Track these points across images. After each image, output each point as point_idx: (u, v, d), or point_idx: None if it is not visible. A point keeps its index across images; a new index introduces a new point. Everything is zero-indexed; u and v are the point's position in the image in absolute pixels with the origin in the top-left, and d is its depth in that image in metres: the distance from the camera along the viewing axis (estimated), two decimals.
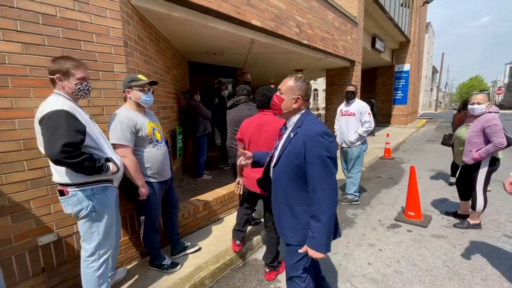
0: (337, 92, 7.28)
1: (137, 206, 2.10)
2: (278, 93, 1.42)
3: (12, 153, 1.64)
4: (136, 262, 2.36)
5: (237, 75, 6.34)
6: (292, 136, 1.36)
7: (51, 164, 1.53)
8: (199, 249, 2.54)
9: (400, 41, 13.23)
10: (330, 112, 7.31)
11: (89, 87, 1.63)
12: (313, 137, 1.26)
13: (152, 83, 2.02)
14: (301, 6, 4.31)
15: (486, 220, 3.14)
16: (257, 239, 2.83)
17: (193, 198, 3.12)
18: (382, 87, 14.59)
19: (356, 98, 3.72)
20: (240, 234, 2.49)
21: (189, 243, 2.52)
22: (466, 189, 3.10)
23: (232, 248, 2.50)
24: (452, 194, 4.11)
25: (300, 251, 1.34)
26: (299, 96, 1.36)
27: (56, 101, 1.45)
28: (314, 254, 1.28)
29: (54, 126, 1.37)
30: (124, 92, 1.95)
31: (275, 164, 1.44)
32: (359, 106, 3.58)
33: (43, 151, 1.50)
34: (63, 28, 1.78)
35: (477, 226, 2.98)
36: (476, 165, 2.83)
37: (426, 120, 17.66)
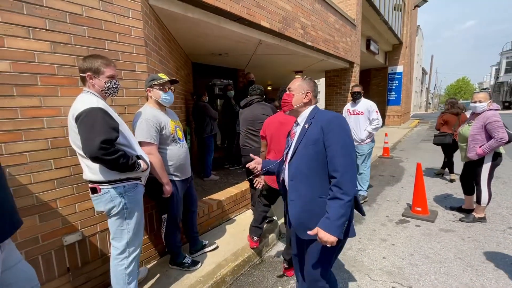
0: (336, 93, 7.41)
1: (160, 204, 2.10)
2: (287, 91, 1.51)
3: (40, 151, 1.63)
4: (156, 262, 2.36)
5: (239, 76, 6.39)
6: (307, 127, 1.38)
7: (83, 162, 1.54)
8: (217, 247, 2.56)
9: (393, 43, 13.55)
10: None
11: (118, 85, 1.64)
12: (330, 121, 1.30)
13: (172, 82, 2.04)
14: (306, 8, 4.40)
15: (490, 214, 3.26)
16: (271, 236, 2.86)
17: (206, 197, 3.13)
18: (375, 88, 14.88)
19: (362, 97, 3.81)
20: (257, 230, 2.52)
21: (207, 241, 2.53)
22: (470, 184, 3.23)
23: (250, 245, 2.52)
24: (454, 190, 4.24)
25: (309, 232, 1.27)
26: (309, 91, 1.44)
27: (90, 99, 1.47)
28: (325, 236, 1.20)
29: (91, 123, 1.38)
30: (146, 91, 1.97)
31: (291, 159, 1.42)
32: (367, 104, 3.68)
33: (76, 149, 1.51)
34: (89, 27, 1.79)
35: (482, 219, 3.09)
36: (480, 160, 2.94)
37: (419, 120, 18.07)
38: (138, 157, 1.62)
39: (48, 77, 1.64)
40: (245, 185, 3.56)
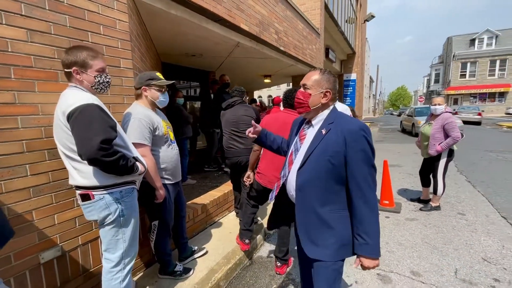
0: None
1: (150, 210, 1.96)
2: (301, 89, 1.29)
3: (13, 155, 1.40)
4: (142, 273, 2.18)
5: (210, 78, 6.28)
6: (324, 133, 1.20)
7: (70, 165, 1.37)
8: (206, 252, 2.48)
9: (347, 52, 14.77)
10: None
11: (109, 79, 1.50)
12: (356, 134, 1.14)
13: (171, 84, 1.95)
14: (279, 15, 4.57)
15: (442, 203, 3.74)
16: (258, 237, 2.86)
17: (189, 202, 3.01)
18: None
19: (338, 101, 4.02)
20: (248, 233, 2.51)
21: (196, 247, 2.43)
22: (427, 177, 3.68)
23: (241, 248, 2.50)
24: (410, 184, 4.78)
25: (355, 265, 1.19)
26: (328, 90, 1.23)
27: (83, 95, 1.32)
28: (368, 262, 1.15)
29: (88, 121, 1.24)
30: (139, 89, 1.83)
31: (301, 167, 1.24)
32: (342, 108, 3.91)
33: (65, 150, 1.34)
34: (70, 16, 1.61)
35: (438, 208, 3.55)
36: (438, 156, 3.38)
37: (369, 123, 19.89)
38: (135, 159, 1.50)
39: (23, 69, 1.42)
40: (227, 187, 3.51)
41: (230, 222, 3.17)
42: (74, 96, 1.29)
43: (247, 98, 3.06)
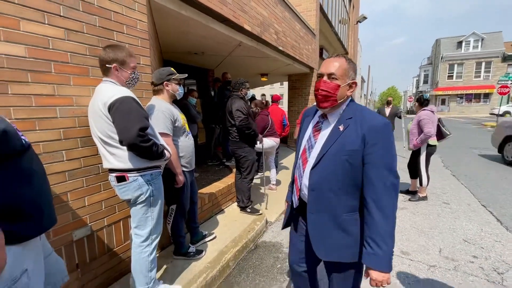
0: (298, 96, 8.02)
1: (169, 195, 2.13)
2: (325, 78, 1.09)
3: (53, 142, 1.56)
4: (157, 255, 2.34)
5: (209, 76, 6.44)
6: (341, 129, 1.08)
7: (107, 151, 1.54)
8: (215, 237, 2.67)
9: (340, 53, 15.11)
10: (293, 113, 7.97)
11: (139, 75, 1.69)
12: (378, 131, 1.02)
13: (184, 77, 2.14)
14: (278, 16, 4.77)
15: (428, 194, 4.05)
16: (261, 225, 3.07)
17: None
18: None
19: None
20: None
21: (206, 232, 2.63)
22: (415, 170, 3.98)
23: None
24: None
25: (365, 276, 1.11)
26: (354, 81, 1.10)
27: (121, 88, 1.50)
28: (376, 275, 1.03)
29: (128, 111, 1.42)
30: (160, 84, 2.01)
31: (314, 166, 1.14)
32: None
33: (104, 138, 1.51)
34: (99, 17, 1.77)
35: (425, 198, 3.85)
36: (418, 151, 3.69)
37: None
38: (162, 146, 1.69)
39: (62, 65, 1.58)
40: (230, 179, 3.71)
41: (234, 212, 3.37)
42: (113, 89, 1.47)
43: (247, 89, 3.23)
